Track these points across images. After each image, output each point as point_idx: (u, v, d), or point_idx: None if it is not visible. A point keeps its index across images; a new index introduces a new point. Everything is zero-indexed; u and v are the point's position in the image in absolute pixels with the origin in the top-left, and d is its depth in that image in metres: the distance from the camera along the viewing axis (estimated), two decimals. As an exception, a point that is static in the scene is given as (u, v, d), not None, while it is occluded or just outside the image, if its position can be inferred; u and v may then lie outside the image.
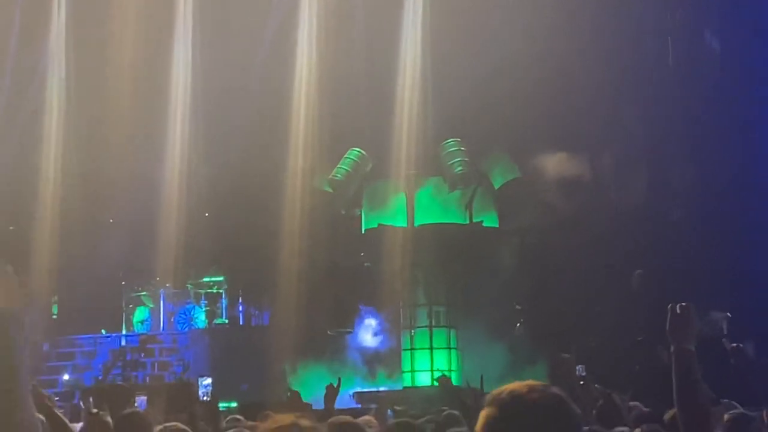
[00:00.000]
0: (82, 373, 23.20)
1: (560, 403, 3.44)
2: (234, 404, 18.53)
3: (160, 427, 6.87)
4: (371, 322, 22.29)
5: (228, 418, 10.34)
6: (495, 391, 3.50)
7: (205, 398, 18.90)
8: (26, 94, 23.90)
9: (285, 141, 22.98)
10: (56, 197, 23.59)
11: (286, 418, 3.24)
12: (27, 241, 23.32)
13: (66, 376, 22.87)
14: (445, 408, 9.90)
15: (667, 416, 9.16)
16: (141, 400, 15.21)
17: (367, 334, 22.25)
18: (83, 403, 16.84)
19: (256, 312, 24.55)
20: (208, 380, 19.82)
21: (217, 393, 18.55)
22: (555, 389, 3.51)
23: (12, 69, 23.89)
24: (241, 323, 24.60)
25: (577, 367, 17.86)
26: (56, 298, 24.56)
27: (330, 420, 5.96)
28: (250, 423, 8.74)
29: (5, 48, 23.72)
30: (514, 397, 3.41)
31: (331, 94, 22.29)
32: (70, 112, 23.82)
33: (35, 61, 24.10)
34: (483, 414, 3.46)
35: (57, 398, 20.29)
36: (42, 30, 23.93)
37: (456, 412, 9.35)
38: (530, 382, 3.55)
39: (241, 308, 24.79)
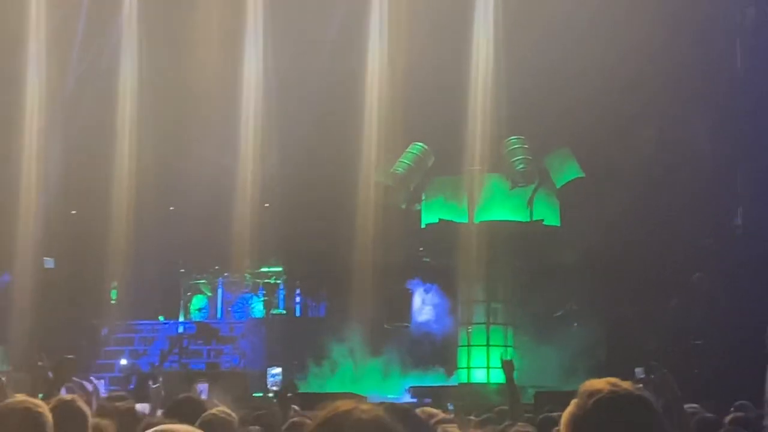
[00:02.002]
0: (139, 358, 23.41)
1: (651, 409, 3.41)
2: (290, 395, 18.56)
3: (208, 412, 6.92)
4: (428, 317, 22.26)
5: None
6: (585, 388, 3.47)
7: (273, 388, 19.01)
8: (100, 84, 24.12)
9: (348, 134, 23.00)
10: (118, 184, 23.79)
11: (345, 404, 3.22)
12: (88, 226, 23.55)
13: (123, 361, 23.07)
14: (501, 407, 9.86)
15: (727, 419, 9.06)
16: (203, 386, 15.34)
17: (424, 329, 22.21)
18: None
19: (313, 304, 24.64)
20: (278, 370, 19.89)
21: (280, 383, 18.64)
22: (647, 394, 3.47)
23: (86, 60, 24.14)
24: (297, 314, 24.67)
25: (636, 370, 17.76)
26: (115, 283, 24.77)
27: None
28: (309, 413, 8.76)
29: (78, 39, 23.96)
30: (609, 398, 3.38)
31: (398, 88, 22.26)
32: (141, 103, 24.01)
33: (109, 54, 24.32)
34: (570, 410, 3.43)
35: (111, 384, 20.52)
36: (117, 22, 24.14)
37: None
38: (614, 380, 3.51)
39: (298, 299, 24.87)
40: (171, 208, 24.54)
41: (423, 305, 22.32)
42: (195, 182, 23.58)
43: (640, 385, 3.56)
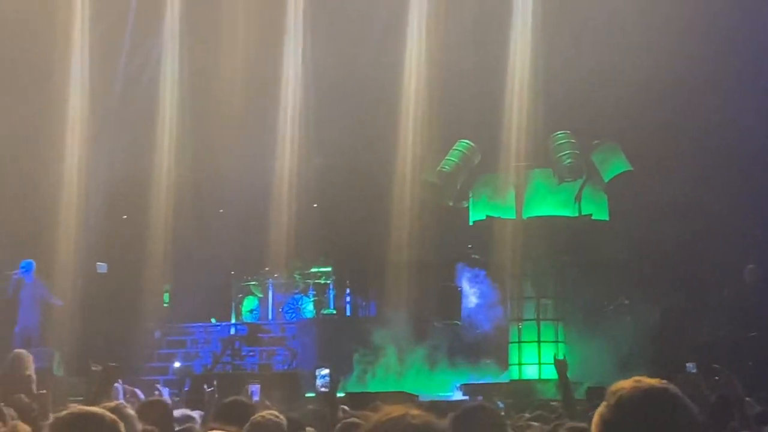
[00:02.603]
0: (193, 360, 23.57)
1: (678, 401, 3.39)
2: (341, 394, 18.62)
3: (257, 414, 6.97)
4: (478, 314, 22.24)
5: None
6: (612, 388, 3.47)
7: (322, 389, 19.06)
8: (141, 87, 24.34)
9: (394, 133, 23.04)
10: (168, 188, 23.98)
11: (396, 410, 3.25)
12: (139, 230, 23.76)
13: (177, 364, 23.24)
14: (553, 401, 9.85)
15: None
16: (255, 388, 15.43)
17: (474, 326, 22.19)
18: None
19: (364, 303, 24.67)
20: (326, 371, 19.94)
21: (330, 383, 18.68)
22: (673, 387, 3.46)
23: (132, 66, 24.36)
24: (348, 314, 24.73)
25: (687, 365, 17.66)
26: (168, 287, 24.97)
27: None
28: (358, 413, 8.79)
29: (124, 45, 24.18)
30: (635, 394, 3.38)
31: (441, 84, 22.27)
32: (183, 105, 24.20)
33: (149, 55, 24.53)
34: (599, 411, 3.43)
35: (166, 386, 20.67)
36: (156, 25, 24.34)
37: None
38: (646, 379, 3.51)
39: (348, 299, 24.91)
40: (220, 211, 24.70)
41: (471, 297, 22.30)
42: (243, 184, 23.73)
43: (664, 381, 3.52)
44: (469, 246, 22.50)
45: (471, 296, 22.30)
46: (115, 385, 12.58)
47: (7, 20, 22.58)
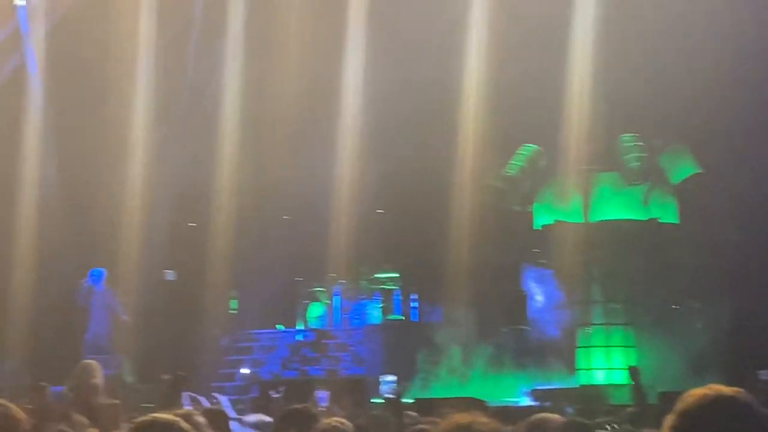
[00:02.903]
0: (260, 367, 23.65)
1: (749, 410, 3.33)
2: (408, 400, 18.60)
3: (323, 422, 6.95)
4: (544, 317, 22.10)
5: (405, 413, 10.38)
6: (685, 395, 3.41)
7: (388, 395, 19.05)
8: (205, 96, 24.52)
9: (458, 136, 22.98)
10: (234, 195, 24.12)
11: (463, 417, 3.22)
12: (206, 238, 23.92)
13: (244, 370, 23.34)
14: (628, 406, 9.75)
15: None
16: (323, 394, 15.45)
17: (541, 330, 22.06)
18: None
19: (430, 308, 24.60)
20: (391, 377, 19.95)
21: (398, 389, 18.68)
22: (745, 395, 3.39)
23: (191, 73, 24.56)
24: (414, 319, 24.69)
25: (760, 372, 17.40)
26: (235, 293, 25.11)
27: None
28: (428, 419, 8.74)
29: (184, 53, 24.40)
30: (704, 403, 3.31)
31: (504, 87, 22.16)
32: (246, 114, 24.33)
33: (212, 66, 24.71)
34: (669, 419, 3.37)
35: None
36: (219, 36, 24.51)
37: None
38: (718, 386, 3.44)
39: (414, 304, 24.87)
40: (285, 217, 24.80)
41: (538, 300, 22.18)
42: (308, 191, 23.80)
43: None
44: (536, 250, 22.37)
45: (537, 299, 22.17)
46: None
47: (75, 32, 22.87)
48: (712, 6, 20.78)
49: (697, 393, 3.36)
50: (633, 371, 9.70)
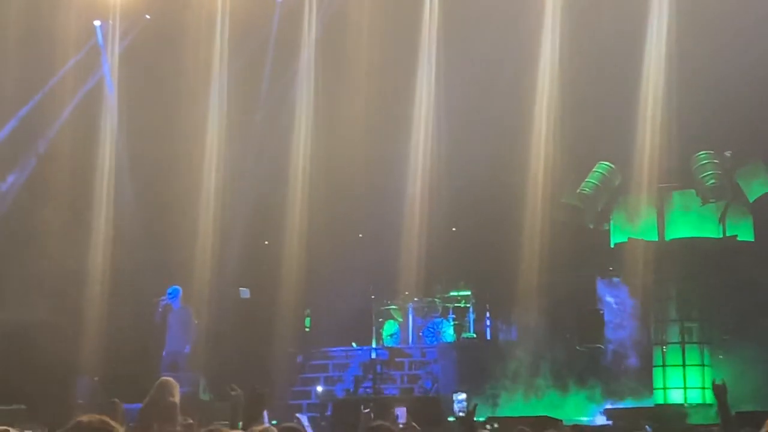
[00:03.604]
0: (335, 385, 23.71)
1: None
2: (482, 418, 18.55)
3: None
4: (621, 338, 21.92)
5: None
6: None
7: (460, 413, 19.04)
8: (278, 111, 24.73)
9: (530, 154, 22.92)
10: (308, 213, 24.26)
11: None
12: (280, 255, 24.08)
13: (319, 388, 23.42)
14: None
15: None
16: (400, 410, 15.47)
17: (617, 350, 21.88)
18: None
19: (504, 326, 24.51)
20: (463, 395, 19.91)
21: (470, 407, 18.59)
22: None
23: (266, 91, 24.78)
24: (488, 337, 24.61)
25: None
26: (309, 311, 25.21)
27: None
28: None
29: (260, 70, 24.63)
30: None
31: (576, 105, 22.09)
32: (319, 132, 24.48)
33: (286, 81, 24.90)
34: None
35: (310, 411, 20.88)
36: (294, 53, 24.72)
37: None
38: None
39: (488, 322, 24.80)
40: (360, 236, 24.88)
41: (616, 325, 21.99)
42: (381, 209, 23.87)
43: None
44: (611, 268, 22.22)
45: (613, 318, 22.00)
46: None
47: (150, 51, 23.19)
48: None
49: None
50: (717, 388, 9.54)
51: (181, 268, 22.82)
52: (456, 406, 19.83)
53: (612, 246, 22.09)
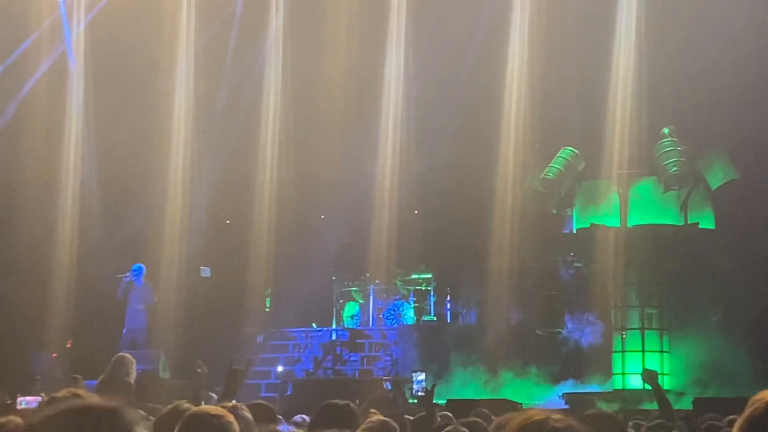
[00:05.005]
0: (294, 365, 23.70)
1: None
2: (442, 402, 18.59)
3: (373, 418, 6.97)
4: (581, 323, 22.03)
5: (440, 414, 10.36)
6: (753, 400, 3.40)
7: (419, 393, 19.08)
8: (244, 94, 24.63)
9: (495, 139, 22.98)
10: (271, 193, 24.22)
11: (538, 413, 3.25)
12: (242, 235, 24.04)
13: (279, 368, 23.41)
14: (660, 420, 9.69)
15: None
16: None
17: (577, 335, 21.99)
18: None
19: (464, 310, 24.58)
20: (422, 375, 19.93)
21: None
22: None
23: (230, 70, 24.67)
24: (448, 320, 24.68)
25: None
26: (269, 291, 25.18)
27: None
28: (466, 420, 8.71)
29: (224, 50, 24.52)
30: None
31: (543, 91, 22.16)
32: (285, 112, 24.43)
33: (252, 63, 24.81)
34: (739, 422, 3.37)
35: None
36: (259, 33, 24.61)
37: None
38: None
39: (449, 306, 24.86)
40: (322, 217, 24.87)
41: (575, 310, 22.10)
42: (345, 191, 23.86)
43: None
44: (572, 254, 22.32)
45: (570, 302, 22.10)
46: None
47: (114, 26, 23.01)
48: (754, 7, 20.68)
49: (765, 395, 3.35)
50: (648, 375, 9.59)
51: (144, 246, 22.74)
52: (415, 386, 19.84)
53: (574, 231, 22.18)
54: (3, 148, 22.92)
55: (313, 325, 24.76)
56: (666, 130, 21.30)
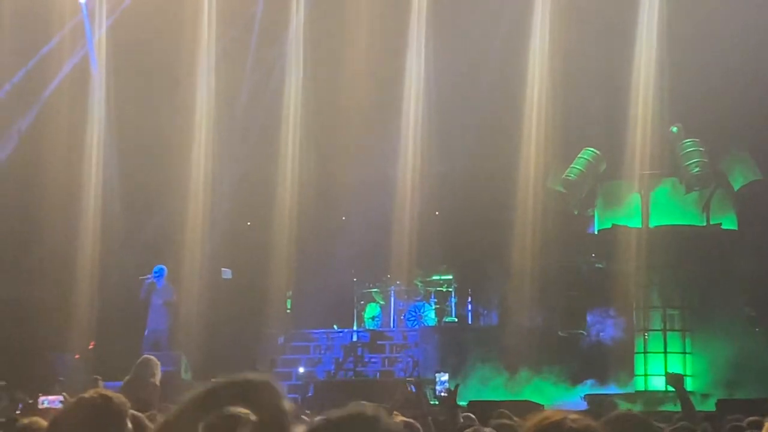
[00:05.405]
0: (315, 366, 23.70)
1: None
2: (463, 403, 18.55)
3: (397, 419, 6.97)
4: (603, 324, 21.96)
5: (462, 415, 10.37)
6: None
7: (442, 394, 19.04)
8: (265, 95, 24.66)
9: (517, 140, 22.94)
10: (292, 195, 24.24)
11: (555, 414, 3.24)
12: (263, 237, 24.05)
13: (300, 369, 23.40)
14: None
15: None
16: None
17: (599, 336, 21.92)
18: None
19: (485, 311, 24.54)
20: (445, 376, 19.89)
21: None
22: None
23: (252, 71, 24.71)
24: (469, 322, 24.63)
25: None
26: (290, 293, 25.18)
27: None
28: (517, 419, 8.70)
29: (245, 51, 24.55)
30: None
31: (565, 91, 22.11)
32: (306, 113, 24.45)
33: (273, 63, 24.84)
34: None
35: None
36: (280, 34, 24.64)
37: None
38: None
39: (470, 307, 24.81)
40: (343, 218, 24.87)
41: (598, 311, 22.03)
42: (366, 192, 23.86)
43: None
44: (593, 255, 22.26)
45: (594, 303, 22.04)
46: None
47: (136, 30, 23.08)
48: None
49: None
50: (672, 378, 9.57)
51: (166, 248, 22.79)
52: (438, 387, 19.80)
53: (596, 232, 22.13)
54: (26, 150, 23.02)
55: (334, 326, 24.75)
56: (674, 129, 21.23)
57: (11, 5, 22.44)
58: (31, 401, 14.76)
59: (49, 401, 14.43)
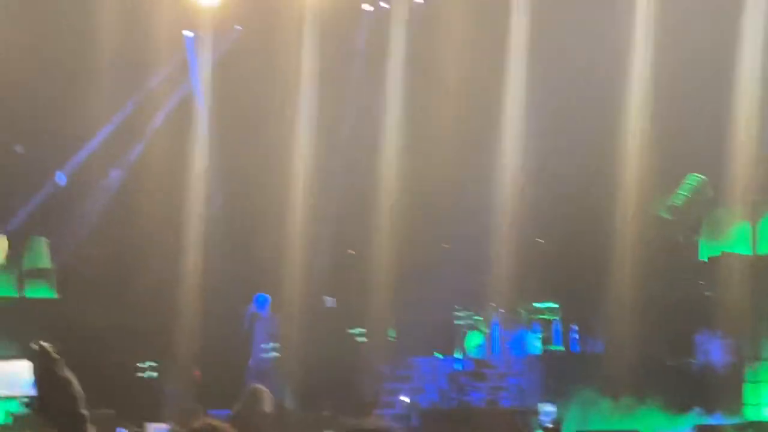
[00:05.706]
0: (418, 395, 23.63)
1: None
2: (570, 432, 18.36)
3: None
4: (711, 352, 21.56)
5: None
6: None
7: (548, 425, 18.86)
8: (364, 125, 24.78)
9: (621, 166, 22.68)
10: (393, 223, 24.27)
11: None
12: (365, 265, 24.12)
13: (404, 398, 23.34)
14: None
15: None
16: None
17: (707, 365, 21.53)
18: None
19: (591, 339, 24.25)
20: (550, 407, 19.70)
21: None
22: None
23: (352, 100, 24.88)
24: (574, 350, 24.36)
25: None
26: (393, 321, 25.19)
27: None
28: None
29: (348, 77, 24.73)
30: None
31: (671, 116, 21.80)
32: (407, 141, 24.48)
33: (374, 90, 24.93)
34: None
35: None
36: (382, 60, 24.77)
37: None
38: None
39: (575, 335, 24.55)
40: (445, 246, 24.82)
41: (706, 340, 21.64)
42: (468, 219, 23.79)
43: None
44: (702, 283, 21.89)
45: (703, 332, 21.66)
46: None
47: (240, 63, 23.39)
48: None
49: None
50: None
51: (268, 277, 22.96)
52: (542, 418, 19.62)
53: (703, 259, 21.77)
54: (132, 182, 23.42)
55: (437, 354, 24.67)
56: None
57: (119, 37, 22.86)
58: (138, 430, 14.95)
59: (156, 430, 14.60)
